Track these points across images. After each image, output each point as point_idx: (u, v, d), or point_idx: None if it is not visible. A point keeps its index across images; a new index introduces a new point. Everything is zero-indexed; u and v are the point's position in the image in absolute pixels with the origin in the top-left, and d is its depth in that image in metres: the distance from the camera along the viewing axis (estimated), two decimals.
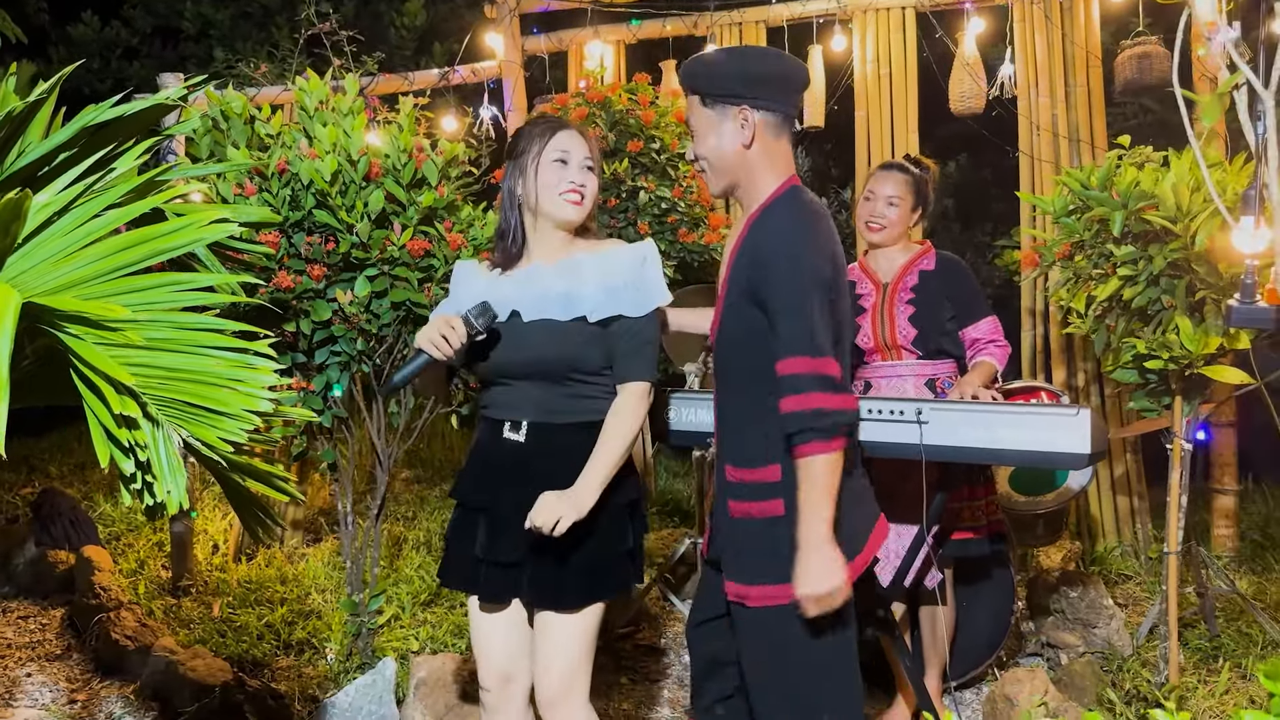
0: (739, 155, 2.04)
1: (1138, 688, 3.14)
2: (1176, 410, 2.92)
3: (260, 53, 7.67)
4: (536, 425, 2.14)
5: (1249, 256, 1.69)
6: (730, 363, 2.07)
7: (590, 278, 2.11)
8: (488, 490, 2.18)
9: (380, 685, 2.99)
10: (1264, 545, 4.43)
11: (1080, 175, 2.94)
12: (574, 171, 2.15)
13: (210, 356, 1.49)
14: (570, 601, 2.09)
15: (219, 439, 1.46)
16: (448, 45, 7.97)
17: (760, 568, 2.02)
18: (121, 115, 1.81)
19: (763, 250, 1.95)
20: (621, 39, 5.05)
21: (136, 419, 1.30)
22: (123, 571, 4.04)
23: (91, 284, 1.54)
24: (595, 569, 2.11)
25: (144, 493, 1.38)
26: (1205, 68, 4.19)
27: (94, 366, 1.33)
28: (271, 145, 3.01)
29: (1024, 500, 3.64)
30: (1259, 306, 1.67)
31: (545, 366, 2.12)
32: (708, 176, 2.09)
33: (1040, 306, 4.60)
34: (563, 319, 2.11)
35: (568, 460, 2.09)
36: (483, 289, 2.23)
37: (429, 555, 4.29)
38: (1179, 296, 2.69)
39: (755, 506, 2.04)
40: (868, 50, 4.72)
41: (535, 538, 2.05)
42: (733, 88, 2.02)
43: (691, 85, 2.06)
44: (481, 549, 2.15)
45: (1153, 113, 6.55)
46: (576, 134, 2.18)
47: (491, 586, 2.16)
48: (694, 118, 2.07)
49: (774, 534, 2.00)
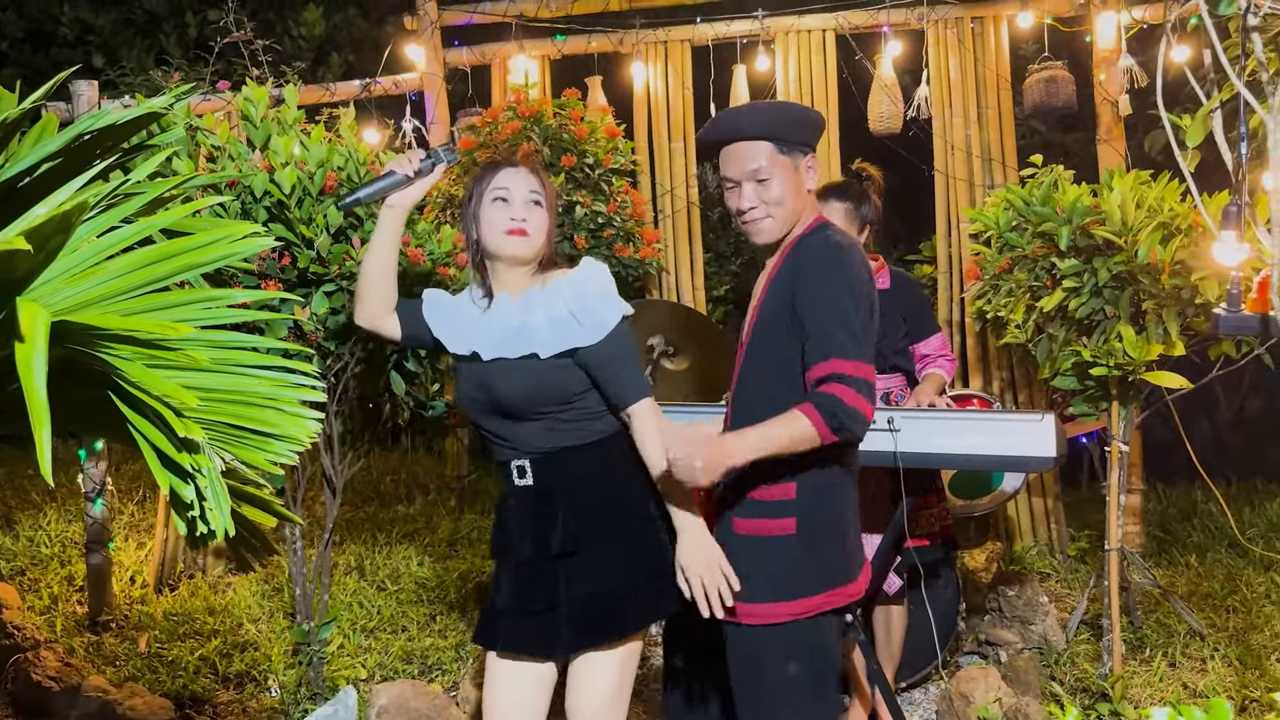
0: (804, 200, 2.12)
1: (1079, 679, 3.29)
2: (1114, 415, 3.09)
3: (146, 61, 7.35)
4: (537, 461, 2.08)
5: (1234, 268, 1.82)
6: (753, 383, 2.10)
7: (538, 312, 2.07)
8: (510, 542, 2.12)
9: (342, 715, 2.88)
10: (1166, 540, 4.70)
11: (1022, 193, 3.09)
12: (516, 208, 2.10)
13: (252, 376, 1.43)
14: (609, 632, 2.02)
15: (267, 461, 1.39)
16: (344, 56, 7.81)
17: (772, 588, 2.04)
18: (113, 124, 1.72)
19: (807, 268, 2.01)
20: (546, 54, 5.04)
21: (200, 443, 1.23)
22: (34, 609, 3.78)
23: (115, 301, 1.45)
24: (632, 596, 2.04)
25: (197, 521, 1.30)
26: (1107, 92, 4.46)
27: (147, 389, 1.26)
28: (218, 156, 2.89)
29: (961, 504, 3.78)
30: (1245, 314, 1.79)
31: (508, 405, 2.06)
32: (770, 224, 2.10)
33: (956, 317, 4.79)
34: (512, 357, 2.06)
35: (581, 486, 2.06)
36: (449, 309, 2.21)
37: (362, 581, 4.16)
38: (1122, 307, 2.85)
39: (766, 525, 2.06)
40: (790, 71, 4.83)
41: (564, 577, 2.01)
42: (805, 136, 2.10)
43: (765, 132, 2.07)
44: (506, 601, 2.09)
45: (1039, 133, 6.91)
46: (519, 169, 2.14)
47: (519, 637, 2.07)
48: (767, 164, 2.07)
49: (786, 553, 2.04)
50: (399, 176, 2.12)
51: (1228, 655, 3.38)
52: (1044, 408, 4.25)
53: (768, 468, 2.01)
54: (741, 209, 2.11)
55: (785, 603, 2.05)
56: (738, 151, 2.10)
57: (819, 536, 2.06)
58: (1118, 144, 4.50)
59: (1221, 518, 4.56)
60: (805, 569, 2.05)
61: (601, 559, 2.02)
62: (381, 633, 3.73)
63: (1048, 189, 3.07)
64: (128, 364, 1.28)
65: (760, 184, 2.08)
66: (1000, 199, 3.21)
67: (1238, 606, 3.83)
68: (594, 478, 2.07)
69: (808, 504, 2.03)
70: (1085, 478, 5.87)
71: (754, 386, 2.11)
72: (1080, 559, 4.50)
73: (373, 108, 4.90)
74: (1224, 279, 1.93)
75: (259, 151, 2.86)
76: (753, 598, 2.06)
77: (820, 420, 1.89)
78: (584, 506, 2.04)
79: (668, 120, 4.93)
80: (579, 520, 2.04)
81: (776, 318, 2.05)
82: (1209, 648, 3.45)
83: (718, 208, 7.57)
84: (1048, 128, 6.72)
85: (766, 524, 2.06)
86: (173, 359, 1.30)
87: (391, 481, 5.61)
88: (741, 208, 2.11)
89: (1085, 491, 5.72)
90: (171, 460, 1.26)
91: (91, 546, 3.85)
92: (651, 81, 4.94)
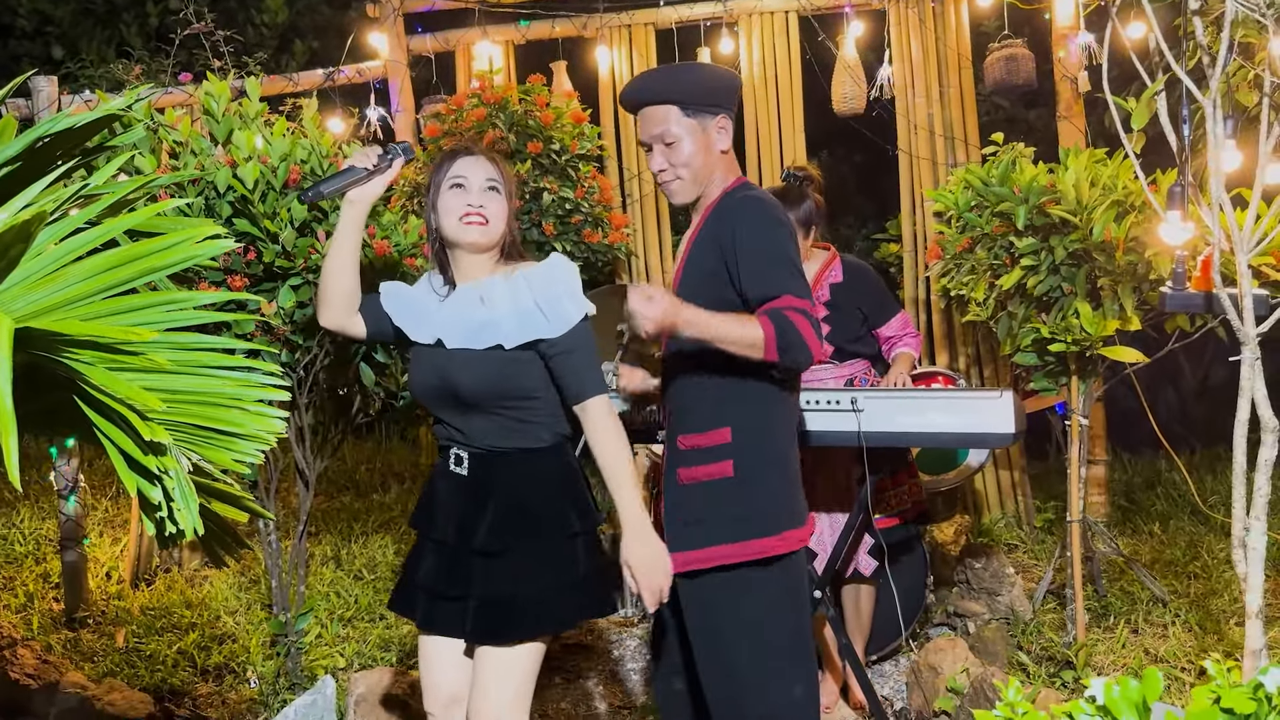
0: (715, 161, 2.15)
1: (1044, 648, 3.37)
2: (1073, 389, 3.15)
3: (106, 52, 7.26)
4: (477, 456, 2.12)
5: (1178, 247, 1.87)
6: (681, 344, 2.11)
7: (502, 302, 2.08)
8: (436, 522, 2.17)
9: (321, 704, 2.91)
10: (1131, 510, 4.80)
11: (981, 173, 3.13)
12: (473, 195, 2.12)
13: (216, 377, 1.45)
14: (510, 635, 2.06)
15: (234, 461, 1.42)
16: (308, 44, 7.74)
17: (712, 531, 2.10)
18: (72, 127, 1.72)
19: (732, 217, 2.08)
20: (510, 39, 5.03)
21: (167, 445, 1.26)
22: (10, 607, 3.79)
23: (78, 306, 1.47)
24: (541, 602, 2.07)
25: (166, 521, 1.33)
26: (1066, 69, 4.51)
27: (111, 394, 1.28)
28: (180, 152, 2.89)
29: (927, 479, 3.84)
30: (1190, 292, 1.85)
31: (468, 396, 2.08)
32: (681, 185, 2.16)
33: (922, 295, 4.85)
34: (478, 348, 2.08)
35: (511, 490, 2.09)
36: (409, 297, 2.23)
37: (339, 570, 4.19)
38: (1079, 284, 2.90)
39: (705, 470, 2.12)
40: (754, 53, 4.86)
41: (480, 572, 2.06)
42: (713, 98, 2.12)
43: (669, 96, 2.12)
44: (428, 580, 2.15)
45: (1002, 109, 6.97)
46: (477, 158, 2.16)
47: (436, 618, 2.14)
48: (673, 127, 2.12)
49: (724, 495, 2.10)
50: (359, 170, 2.13)
51: (1188, 621, 3.47)
52: (1007, 384, 4.32)
53: (706, 413, 2.10)
54: (653, 171, 2.20)
55: (729, 544, 2.10)
56: (647, 115, 2.17)
57: (756, 478, 2.11)
58: (1078, 120, 4.56)
59: (1184, 486, 4.66)
60: (746, 511, 2.10)
61: (519, 564, 2.05)
62: (359, 621, 3.76)
63: (1006, 168, 3.12)
64: (91, 369, 1.30)
65: (668, 147, 2.14)
66: (960, 178, 3.26)
67: (1199, 572, 3.93)
68: (528, 484, 2.10)
69: (744, 445, 2.09)
70: (1052, 450, 5.96)
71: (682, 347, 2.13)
72: (1047, 530, 4.58)
73: (337, 96, 4.88)
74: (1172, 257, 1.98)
75: (221, 146, 2.86)
76: (697, 543, 2.11)
77: (772, 334, 1.94)
78: (513, 510, 2.08)
79: None
80: (506, 522, 2.07)
81: (702, 275, 2.11)
82: (1170, 614, 3.54)
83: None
84: (1010, 104, 6.78)
85: (706, 469, 2.12)
86: (136, 362, 1.32)
87: (366, 471, 5.62)
88: (653, 169, 2.20)
89: (1052, 463, 5.81)
90: (138, 463, 1.28)
91: (66, 543, 3.84)
92: (616, 66, 4.95)
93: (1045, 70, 4.73)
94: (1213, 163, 1.74)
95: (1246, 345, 1.92)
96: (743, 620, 2.11)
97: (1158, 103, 1.91)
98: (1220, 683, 1.06)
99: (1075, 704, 1.10)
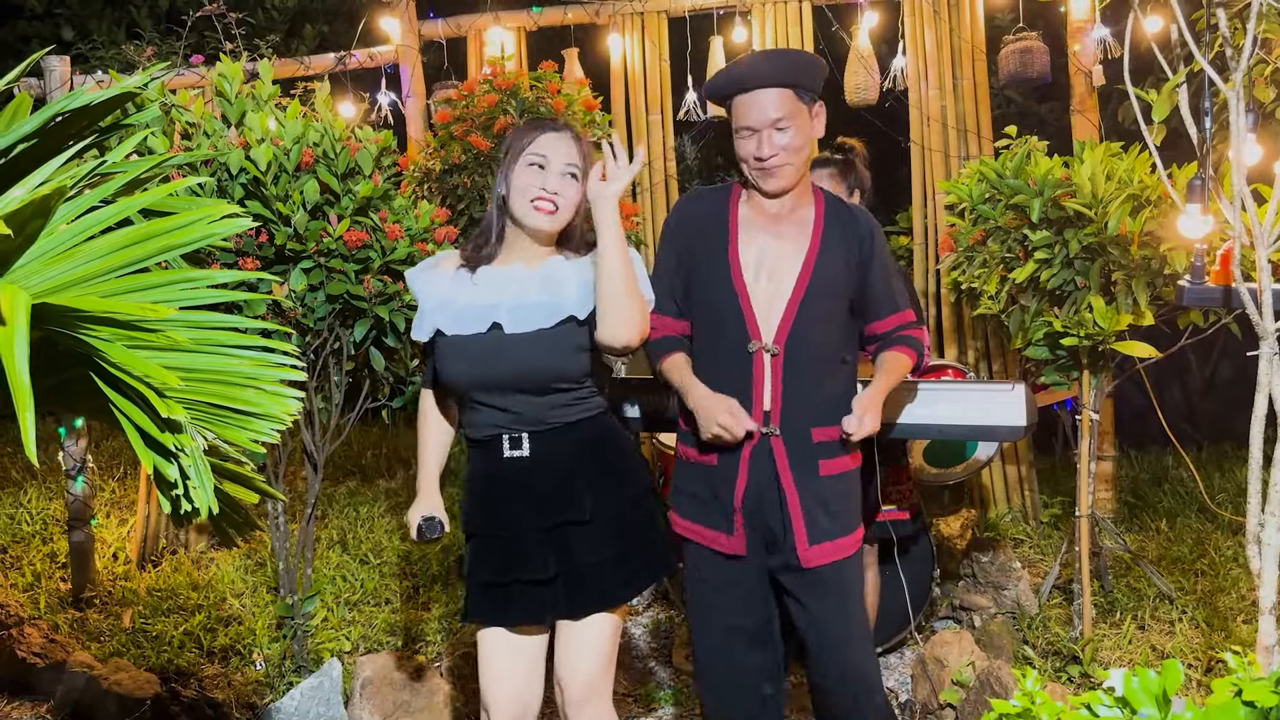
0: (812, 147, 2.31)
1: (1051, 643, 3.37)
2: (1085, 383, 3.14)
3: (116, 34, 7.25)
4: (538, 436, 2.08)
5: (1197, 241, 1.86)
6: (819, 329, 2.22)
7: (570, 281, 2.07)
8: (504, 515, 2.12)
9: (328, 687, 2.92)
10: (1138, 506, 4.79)
11: (995, 165, 3.12)
12: (551, 178, 2.05)
13: (233, 356, 1.44)
14: (615, 597, 2.08)
15: (250, 440, 1.41)
16: (318, 27, 7.72)
17: (852, 518, 2.27)
18: (88, 105, 1.72)
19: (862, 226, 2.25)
20: (522, 25, 5.01)
21: (183, 423, 1.25)
22: (17, 586, 3.80)
23: (95, 283, 1.46)
24: (637, 557, 2.11)
25: (181, 499, 1.32)
26: (1080, 63, 4.48)
27: (129, 370, 1.27)
28: (193, 133, 2.88)
29: (935, 472, 3.83)
30: (1208, 286, 1.83)
31: (532, 378, 2.07)
32: (789, 170, 2.17)
33: (933, 289, 4.83)
34: (549, 325, 2.05)
35: (577, 462, 2.09)
36: (447, 294, 2.14)
37: (345, 555, 4.19)
38: (1092, 278, 2.89)
39: (844, 461, 2.25)
40: (767, 42, 4.83)
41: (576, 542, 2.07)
42: (818, 83, 2.18)
43: (787, 79, 2.12)
44: (507, 573, 2.09)
45: (1015, 103, 6.94)
46: (564, 137, 2.09)
47: (525, 607, 2.10)
48: (788, 110, 2.13)
49: (854, 483, 2.30)
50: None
51: (1195, 617, 3.47)
52: (1017, 377, 4.31)
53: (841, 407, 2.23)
54: (761, 156, 2.15)
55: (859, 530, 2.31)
56: (758, 99, 2.13)
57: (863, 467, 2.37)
58: (1092, 114, 4.53)
59: (1192, 483, 4.65)
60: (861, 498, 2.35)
61: (604, 528, 2.07)
62: (365, 606, 3.77)
63: (1020, 161, 3.10)
64: (108, 345, 1.30)
65: (780, 131, 2.13)
66: (973, 171, 3.24)
67: (1206, 570, 3.92)
68: (599, 449, 2.11)
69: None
70: (1059, 445, 5.95)
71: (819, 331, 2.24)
72: (1053, 525, 4.57)
73: (347, 80, 4.87)
74: (1190, 251, 1.97)
75: (234, 128, 2.85)
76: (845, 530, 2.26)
77: (915, 359, 2.31)
78: (595, 475, 2.08)
79: (645, 93, 4.93)
80: (585, 491, 2.08)
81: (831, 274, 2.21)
82: (1177, 610, 3.54)
83: (695, 180, 7.58)
84: (1023, 98, 6.75)
85: (846, 460, 2.27)
86: (153, 340, 1.31)
87: (373, 456, 5.63)
88: (762, 155, 2.15)
89: (1059, 459, 5.80)
90: (154, 440, 1.28)
91: (73, 524, 3.85)
92: (628, 54, 4.93)
93: (1059, 64, 4.70)
94: (1234, 155, 1.72)
95: (1265, 340, 1.91)
96: (862, 599, 2.34)
97: (1179, 95, 1.90)
98: (1241, 675, 1.06)
99: (1094, 695, 1.10)
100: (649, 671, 3.49)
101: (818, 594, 2.21)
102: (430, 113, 4.81)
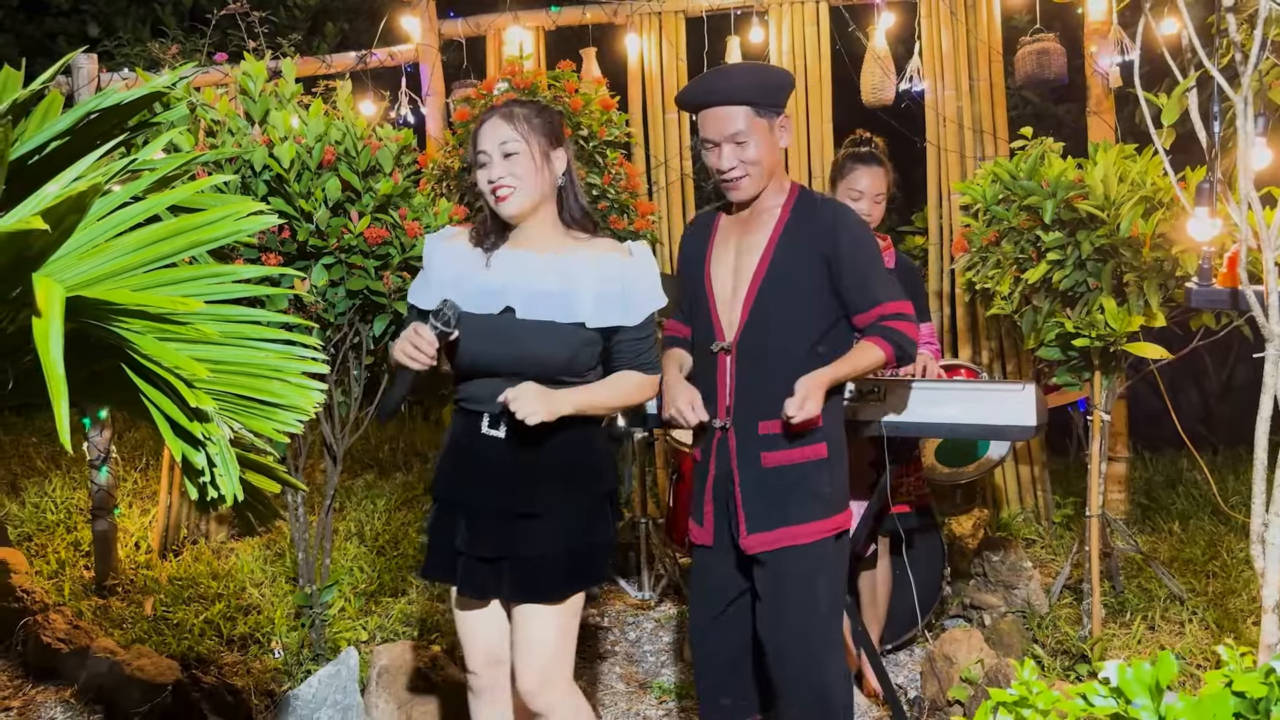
0: (777, 158, 2.29)
1: (1060, 642, 3.39)
2: (1097, 384, 3.16)
3: (142, 31, 7.34)
4: (519, 421, 2.09)
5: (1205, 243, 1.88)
6: (775, 324, 2.26)
7: (586, 280, 2.10)
8: (466, 488, 2.17)
9: (345, 675, 2.97)
10: (1150, 508, 4.80)
11: (1009, 166, 3.14)
12: (495, 167, 2.11)
13: (258, 348, 1.49)
14: (552, 593, 2.11)
15: (274, 430, 1.46)
16: (339, 26, 7.79)
17: (809, 508, 2.27)
18: (119, 103, 1.77)
19: (829, 225, 2.24)
20: (541, 25, 5.06)
21: (211, 413, 1.30)
22: (42, 574, 3.87)
23: (127, 276, 1.51)
24: (577, 558, 2.14)
25: (208, 486, 1.37)
26: (1098, 64, 4.49)
27: (159, 361, 1.32)
28: (218, 131, 2.94)
29: (948, 472, 3.86)
30: (1216, 288, 1.86)
31: (538, 366, 2.10)
32: (749, 181, 2.26)
33: (947, 289, 4.85)
34: (562, 321, 2.10)
35: (549, 456, 2.12)
36: (463, 269, 2.18)
37: (362, 546, 4.25)
38: (1105, 279, 2.91)
39: (800, 453, 2.26)
40: (784, 42, 4.86)
41: (523, 533, 2.09)
42: (779, 98, 2.24)
43: (742, 97, 2.20)
44: (462, 543, 2.15)
45: (1031, 104, 6.93)
46: (492, 121, 2.12)
47: (472, 580, 2.17)
48: (746, 127, 2.21)
49: (815, 474, 2.28)
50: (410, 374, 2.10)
51: (1205, 619, 3.48)
52: (1030, 378, 4.32)
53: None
54: (721, 169, 2.27)
55: (818, 521, 2.31)
56: (717, 115, 2.23)
57: (839, 458, 2.37)
58: (1108, 116, 4.54)
59: (1205, 485, 4.65)
60: (831, 489, 2.34)
61: (558, 525, 2.10)
62: (382, 596, 3.82)
63: (1034, 162, 3.13)
64: (140, 337, 1.35)
65: (739, 145, 2.23)
66: (988, 172, 3.26)
67: (1217, 571, 3.93)
68: (571, 446, 2.14)
69: (831, 428, 2.33)
70: (1073, 446, 5.95)
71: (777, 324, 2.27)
72: (1065, 525, 4.59)
73: (368, 79, 4.92)
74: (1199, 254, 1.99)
75: (257, 126, 2.91)
76: (789, 520, 2.29)
77: (890, 351, 2.27)
78: (558, 470, 2.12)
79: (662, 92, 4.96)
80: (551, 483, 2.12)
81: (788, 273, 2.23)
82: (1187, 611, 3.55)
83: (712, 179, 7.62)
84: (1039, 99, 6.74)
85: (801, 451, 2.29)
86: (182, 332, 1.36)
87: (390, 450, 5.69)
88: (721, 168, 2.27)
89: (1073, 459, 5.81)
90: (183, 429, 1.32)
91: (97, 513, 3.92)
92: (646, 53, 4.96)
93: (1076, 65, 4.71)
94: (1242, 160, 1.75)
95: (1271, 342, 1.93)
96: (818, 593, 2.30)
97: (1189, 99, 1.92)
98: (1233, 667, 1.09)
99: (1089, 685, 1.13)
100: (660, 665, 3.53)
101: (761, 579, 2.32)
102: (449, 111, 4.86)
